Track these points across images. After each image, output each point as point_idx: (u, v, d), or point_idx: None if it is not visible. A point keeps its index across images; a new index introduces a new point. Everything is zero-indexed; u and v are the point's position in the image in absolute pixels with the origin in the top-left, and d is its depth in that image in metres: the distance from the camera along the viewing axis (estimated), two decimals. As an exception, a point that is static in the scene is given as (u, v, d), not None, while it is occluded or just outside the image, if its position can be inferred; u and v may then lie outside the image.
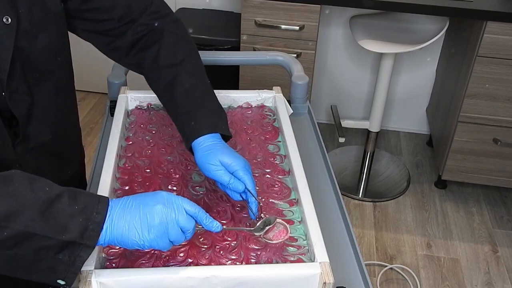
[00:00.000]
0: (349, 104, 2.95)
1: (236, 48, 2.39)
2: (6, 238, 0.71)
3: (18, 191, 0.72)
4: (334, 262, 0.89)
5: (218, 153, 0.96)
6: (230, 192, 0.98)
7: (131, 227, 0.78)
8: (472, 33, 2.19)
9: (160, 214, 0.78)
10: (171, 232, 0.80)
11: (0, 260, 0.73)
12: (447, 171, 2.44)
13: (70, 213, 0.74)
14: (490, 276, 2.19)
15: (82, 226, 0.74)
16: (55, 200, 0.74)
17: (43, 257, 0.74)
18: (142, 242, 0.79)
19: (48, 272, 0.75)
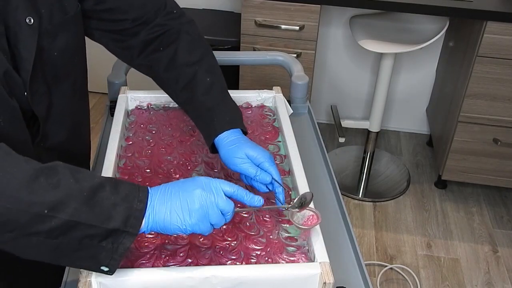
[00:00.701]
0: (349, 104, 2.95)
1: (236, 48, 2.39)
2: (53, 228, 0.72)
3: (63, 182, 0.74)
4: (334, 262, 0.89)
5: (243, 147, 0.98)
6: (257, 184, 0.99)
7: (172, 213, 0.79)
8: (472, 33, 2.19)
9: (200, 198, 0.80)
10: (212, 216, 0.81)
11: (45, 249, 0.74)
12: (447, 171, 2.44)
13: (113, 202, 0.75)
14: (490, 276, 2.19)
15: (125, 214, 0.76)
16: (98, 190, 0.75)
17: (87, 245, 0.75)
18: (184, 227, 0.80)
19: (91, 259, 0.77)
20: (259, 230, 0.97)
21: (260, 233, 0.96)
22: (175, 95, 1.10)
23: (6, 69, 0.81)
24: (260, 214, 1.00)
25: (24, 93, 0.86)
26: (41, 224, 0.72)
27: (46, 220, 0.72)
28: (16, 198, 0.71)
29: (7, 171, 0.72)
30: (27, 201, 0.71)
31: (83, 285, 0.82)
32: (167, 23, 1.07)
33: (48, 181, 0.73)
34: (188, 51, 1.06)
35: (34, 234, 0.72)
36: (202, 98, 1.04)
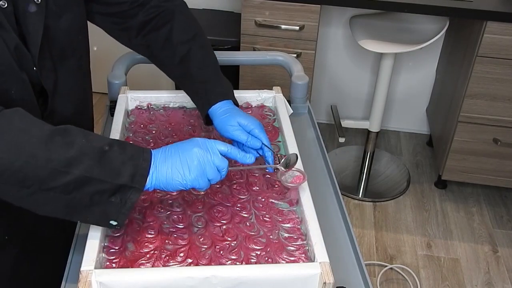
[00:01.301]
0: (349, 104, 2.95)
1: (236, 48, 2.39)
2: (68, 183, 0.79)
3: (76, 141, 0.81)
4: (334, 262, 0.89)
5: (235, 116, 1.06)
6: (248, 149, 1.06)
7: (174, 170, 0.86)
8: (472, 33, 2.19)
9: (197, 156, 0.87)
10: (209, 172, 0.88)
11: (60, 204, 0.81)
12: (447, 171, 2.45)
13: (121, 160, 0.82)
14: (490, 276, 2.19)
15: (132, 171, 0.83)
16: (108, 149, 0.82)
17: (98, 200, 0.82)
18: (185, 182, 0.87)
19: (101, 214, 0.84)
20: (259, 230, 0.97)
21: (260, 233, 0.96)
22: (171, 72, 1.16)
23: (16, 44, 0.86)
24: (260, 214, 1.00)
25: (33, 68, 0.90)
26: (57, 179, 0.78)
27: (62, 175, 0.78)
28: (35, 155, 0.77)
29: (26, 130, 0.78)
30: (45, 158, 0.77)
31: (83, 285, 0.82)
32: (162, 5, 1.14)
33: (64, 140, 0.80)
34: (182, 30, 1.13)
35: (50, 189, 0.79)
36: (197, 72, 1.11)
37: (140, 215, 0.99)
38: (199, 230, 0.96)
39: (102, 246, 0.91)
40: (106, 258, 0.90)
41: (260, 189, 1.06)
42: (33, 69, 0.91)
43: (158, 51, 1.14)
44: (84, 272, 0.84)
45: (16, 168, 0.77)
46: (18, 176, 0.77)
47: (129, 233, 0.95)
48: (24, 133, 0.78)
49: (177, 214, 1.00)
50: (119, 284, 0.84)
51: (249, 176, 1.10)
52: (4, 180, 0.77)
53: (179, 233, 0.96)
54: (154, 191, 1.04)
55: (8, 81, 0.86)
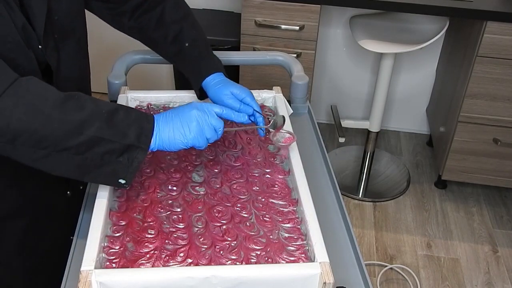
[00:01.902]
0: (349, 104, 2.95)
1: (236, 48, 2.39)
2: (81, 143, 0.86)
3: (87, 105, 0.88)
4: (334, 262, 0.89)
5: (228, 86, 1.14)
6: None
7: (175, 131, 0.95)
8: (472, 33, 2.19)
9: (196, 117, 0.96)
10: (207, 131, 0.97)
11: (73, 164, 0.88)
12: (447, 171, 2.45)
13: (127, 123, 0.90)
14: (490, 276, 2.19)
15: (137, 132, 0.91)
16: (115, 112, 0.90)
17: (107, 160, 0.89)
18: (186, 141, 0.95)
19: (111, 173, 0.91)
20: (259, 230, 0.97)
21: (260, 233, 0.96)
22: (164, 50, 1.24)
23: (23, 23, 0.91)
24: (260, 214, 1.00)
25: (39, 46, 0.95)
26: (71, 140, 0.85)
27: (75, 136, 0.85)
28: (51, 117, 0.84)
29: (41, 94, 0.85)
30: (60, 120, 0.84)
31: (83, 285, 0.83)
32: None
33: (76, 104, 0.87)
34: (174, 10, 1.20)
35: (64, 149, 0.86)
36: (190, 49, 1.19)
37: (140, 215, 0.99)
38: (199, 230, 0.96)
39: (102, 246, 0.92)
40: (106, 258, 0.90)
41: (260, 189, 1.06)
42: (38, 48, 0.95)
43: (151, 32, 1.20)
44: (84, 272, 0.84)
45: (34, 130, 0.83)
46: (35, 138, 0.83)
47: (129, 233, 0.95)
48: (40, 97, 0.84)
49: (177, 214, 1.00)
50: (119, 284, 0.84)
51: (249, 176, 1.10)
52: (22, 142, 0.83)
53: (179, 233, 0.96)
54: (154, 191, 1.05)
55: (18, 58, 0.91)
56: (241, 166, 1.12)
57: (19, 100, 0.83)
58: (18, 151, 0.85)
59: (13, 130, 0.82)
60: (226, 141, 1.20)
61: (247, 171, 1.11)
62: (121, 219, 0.98)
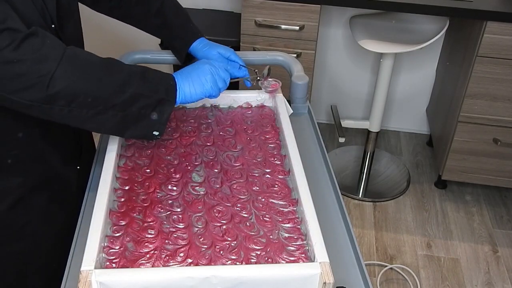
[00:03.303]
0: (349, 104, 2.95)
1: (236, 48, 2.39)
2: (125, 100, 0.97)
3: (123, 66, 0.99)
4: (334, 262, 0.89)
5: (214, 47, 1.29)
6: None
7: (195, 83, 1.08)
8: (472, 33, 2.19)
9: (210, 70, 1.10)
10: (219, 82, 1.12)
11: (115, 121, 0.98)
12: (447, 171, 2.45)
13: (157, 81, 1.02)
14: (490, 276, 2.19)
15: (165, 88, 1.03)
16: (146, 72, 1.01)
17: (143, 115, 1.00)
18: (204, 90, 1.09)
19: (146, 127, 1.02)
20: (259, 230, 0.97)
21: (260, 233, 0.96)
22: (148, 24, 1.33)
23: (41, 4, 0.99)
24: (260, 214, 1.00)
25: (52, 26, 1.03)
26: (116, 98, 0.96)
27: (120, 94, 0.96)
28: (100, 79, 0.94)
29: (88, 59, 0.95)
30: (107, 81, 0.95)
31: (83, 285, 0.83)
32: None
33: (115, 66, 0.98)
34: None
35: (111, 107, 0.96)
36: (174, 20, 1.31)
37: (140, 215, 0.99)
38: (199, 230, 0.97)
39: (102, 246, 0.92)
40: (106, 258, 0.90)
41: (260, 189, 1.06)
42: (52, 27, 1.03)
43: (132, 8, 1.31)
44: (84, 272, 0.84)
45: (88, 92, 0.93)
46: (88, 99, 0.93)
47: (129, 233, 0.95)
48: (88, 63, 0.95)
49: (177, 214, 1.00)
50: (119, 284, 0.84)
51: (249, 176, 1.10)
52: (77, 104, 0.93)
53: (179, 233, 0.96)
54: (154, 191, 1.05)
55: None
56: (241, 166, 1.12)
57: (74, 66, 0.92)
58: (72, 113, 0.93)
59: (71, 94, 0.91)
60: (226, 141, 1.20)
61: (247, 171, 1.11)
62: (121, 219, 0.98)
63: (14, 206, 1.09)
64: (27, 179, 1.09)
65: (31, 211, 1.12)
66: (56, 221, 1.19)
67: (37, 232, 1.15)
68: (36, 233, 1.15)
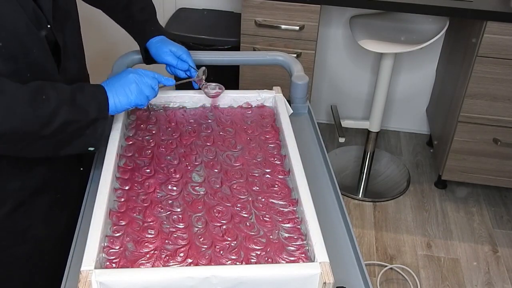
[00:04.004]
0: (349, 104, 2.95)
1: (236, 48, 2.39)
2: (54, 129, 0.96)
3: (51, 94, 0.97)
4: (334, 262, 0.89)
5: (167, 44, 1.30)
6: (178, 71, 1.32)
7: (119, 95, 1.07)
8: (472, 33, 2.19)
9: (134, 79, 1.09)
10: (145, 90, 1.10)
11: (49, 146, 1.00)
12: (447, 171, 2.44)
13: (87, 100, 1.02)
14: (490, 276, 2.19)
15: (97, 106, 1.03)
16: (74, 94, 1.00)
17: (77, 135, 1.02)
18: (129, 101, 1.08)
19: (82, 145, 1.03)
20: (259, 230, 0.97)
21: (260, 233, 0.96)
22: (116, 18, 1.36)
23: (33, 6, 0.99)
24: (260, 214, 1.00)
25: (47, 26, 1.03)
26: (45, 129, 0.96)
27: (49, 125, 0.96)
28: (26, 114, 0.93)
29: (14, 95, 0.93)
30: (33, 116, 0.94)
31: (83, 285, 0.83)
32: None
33: (43, 97, 0.96)
34: None
35: (41, 138, 0.97)
36: (137, 16, 1.33)
37: (140, 215, 0.99)
38: (199, 230, 0.97)
39: (102, 246, 0.92)
40: (106, 258, 0.90)
41: (260, 189, 1.06)
42: (47, 27, 1.03)
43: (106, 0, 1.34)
44: (84, 272, 0.84)
45: (13, 130, 0.92)
46: (15, 136, 0.93)
47: (129, 233, 0.95)
48: (14, 99, 0.92)
49: (177, 214, 1.00)
50: (119, 284, 0.84)
51: (249, 176, 1.10)
52: (7, 140, 0.93)
53: (179, 233, 0.96)
54: (154, 191, 1.05)
55: (29, 41, 0.99)
56: (241, 166, 1.12)
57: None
58: (2, 147, 0.95)
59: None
60: (226, 141, 1.20)
61: (247, 171, 1.11)
62: (121, 219, 0.98)
63: (15, 210, 1.09)
64: (26, 182, 1.09)
65: (32, 214, 1.12)
66: (59, 223, 1.19)
67: (40, 235, 1.15)
68: (38, 237, 1.15)
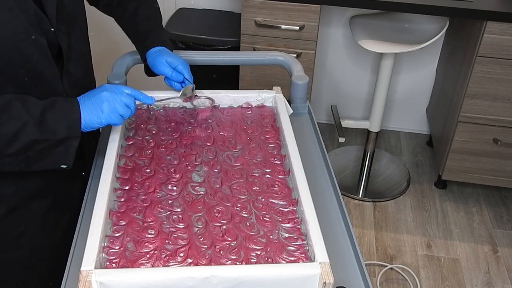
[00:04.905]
0: (349, 104, 2.95)
1: (236, 48, 2.39)
2: (20, 148, 0.95)
3: (18, 113, 0.95)
4: (334, 262, 0.89)
5: (164, 55, 1.26)
6: (173, 83, 1.27)
7: (89, 112, 1.03)
8: (472, 33, 2.19)
9: (106, 97, 1.04)
10: (119, 108, 1.04)
11: (18, 162, 0.98)
12: (447, 171, 2.44)
13: (57, 119, 0.99)
14: (490, 276, 2.19)
15: (67, 125, 1.00)
16: (44, 113, 0.98)
17: (47, 153, 0.99)
18: (100, 120, 1.03)
19: (53, 162, 1.02)
20: (259, 230, 0.97)
21: (260, 233, 0.96)
22: (122, 26, 1.35)
23: (34, 10, 0.98)
24: (260, 214, 1.00)
25: (51, 29, 1.02)
26: (10, 148, 0.95)
27: (13, 144, 0.95)
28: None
29: None
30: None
31: (83, 285, 0.83)
32: None
33: (9, 115, 0.94)
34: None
35: (7, 156, 0.96)
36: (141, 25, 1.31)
37: (140, 215, 0.99)
38: (199, 230, 0.97)
39: (102, 246, 0.92)
40: (106, 258, 0.90)
41: (260, 189, 1.06)
42: (51, 30, 1.02)
43: (114, 8, 1.33)
44: (84, 272, 0.84)
45: None
46: None
47: (129, 233, 0.95)
48: None
49: (177, 214, 1.00)
50: (119, 284, 0.84)
51: (249, 176, 1.10)
52: None
53: (179, 233, 0.96)
54: (154, 191, 1.05)
55: (29, 46, 0.98)
56: (241, 166, 1.12)
57: None
58: None
59: None
60: (226, 141, 1.20)
61: (247, 171, 1.11)
62: (121, 219, 0.98)
63: (9, 214, 1.09)
64: (21, 188, 1.08)
65: (28, 219, 1.12)
66: (57, 228, 1.19)
67: (36, 240, 1.15)
68: (34, 242, 1.15)
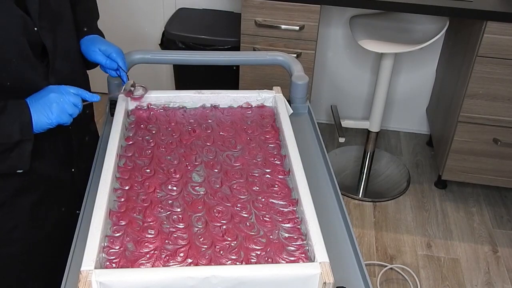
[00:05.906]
0: (349, 104, 2.95)
1: (236, 48, 2.39)
2: None
3: None
4: (334, 262, 0.89)
5: (97, 43, 1.26)
6: (109, 70, 1.27)
7: (39, 114, 1.04)
8: (472, 33, 2.19)
9: (54, 98, 1.05)
10: (68, 108, 1.06)
11: None
12: (447, 171, 2.44)
13: (10, 121, 1.01)
14: (490, 276, 2.19)
15: (20, 128, 1.01)
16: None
17: (3, 158, 1.02)
18: (50, 121, 1.05)
19: (8, 167, 1.04)
20: (259, 230, 0.97)
21: (260, 233, 0.96)
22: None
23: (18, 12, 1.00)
24: (260, 214, 1.00)
25: (34, 29, 1.04)
26: None
27: None
28: None
29: None
30: None
31: (83, 285, 0.83)
32: None
33: None
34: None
35: None
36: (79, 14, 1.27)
37: (140, 215, 0.99)
38: (199, 230, 0.97)
39: (102, 246, 0.92)
40: (106, 258, 0.90)
41: (260, 189, 1.06)
42: (34, 30, 1.04)
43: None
44: (84, 272, 0.84)
45: None
46: None
47: (129, 233, 0.95)
48: None
49: (177, 214, 1.00)
50: (119, 284, 0.84)
51: (249, 176, 1.10)
52: None
53: (179, 233, 0.96)
54: (154, 191, 1.05)
55: (9, 51, 1.00)
56: (241, 166, 1.12)
57: None
58: None
59: None
60: (226, 141, 1.20)
61: (247, 171, 1.11)
62: (121, 219, 0.98)
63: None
64: (6, 183, 1.09)
65: (17, 215, 1.13)
66: (46, 223, 1.19)
67: (27, 235, 1.16)
68: (25, 236, 1.16)
